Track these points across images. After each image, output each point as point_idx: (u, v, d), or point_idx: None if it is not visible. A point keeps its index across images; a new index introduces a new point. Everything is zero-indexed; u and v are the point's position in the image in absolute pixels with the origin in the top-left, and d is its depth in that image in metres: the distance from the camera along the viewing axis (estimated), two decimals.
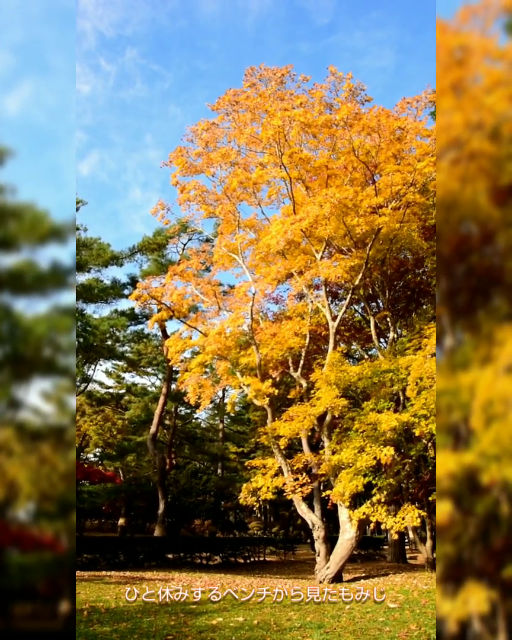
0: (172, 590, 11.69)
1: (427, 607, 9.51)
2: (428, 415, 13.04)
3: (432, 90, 15.21)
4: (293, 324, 16.25)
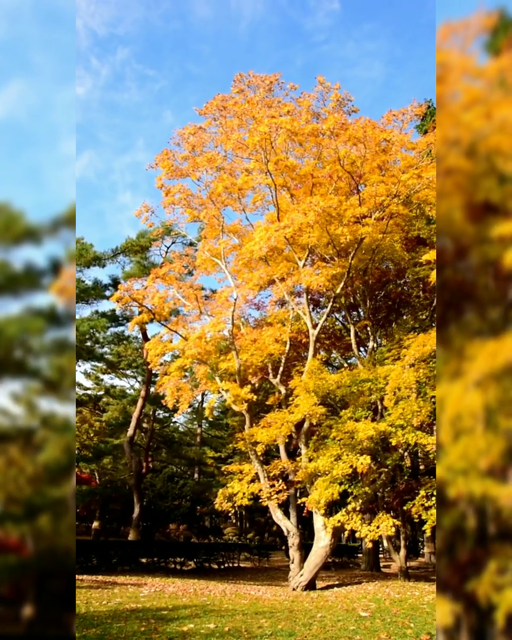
0: (144, 595, 11.65)
1: (398, 616, 9.55)
2: (405, 425, 13.15)
3: (419, 104, 15.40)
4: (274, 330, 16.27)
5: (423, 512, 13.17)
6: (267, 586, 15.67)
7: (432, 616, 9.59)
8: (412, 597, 12.07)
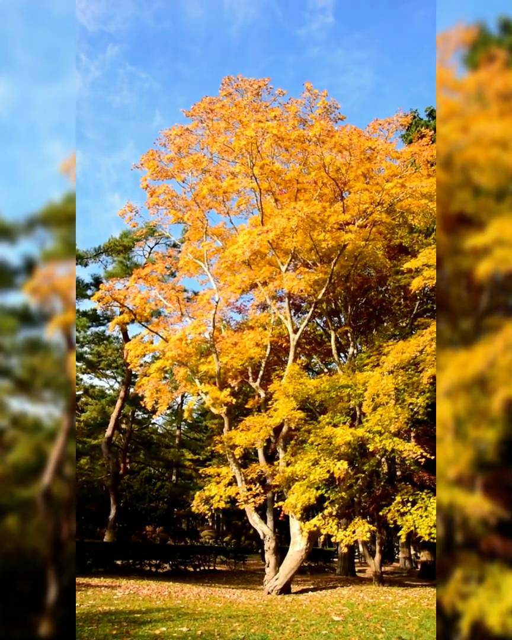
0: (118, 597, 11.57)
1: (370, 620, 9.63)
2: (382, 432, 13.26)
3: (404, 114, 15.59)
4: (255, 334, 16.32)
5: (399, 518, 13.26)
6: (242, 589, 15.69)
7: (404, 620, 9.70)
8: (385, 602, 12.17)
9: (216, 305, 16.19)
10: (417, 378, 13.57)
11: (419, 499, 13.32)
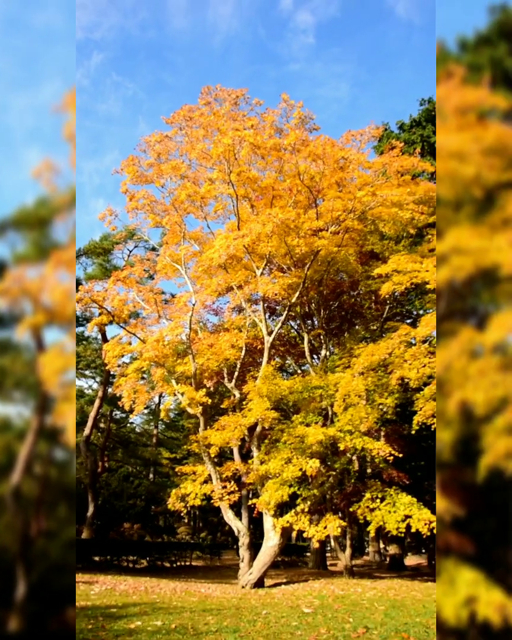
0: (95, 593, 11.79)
1: (339, 611, 10.02)
2: (353, 431, 13.74)
3: (376, 126, 16.08)
4: (230, 336, 16.65)
5: (368, 514, 13.67)
6: (217, 584, 15.87)
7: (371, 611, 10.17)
8: (354, 594, 12.59)
9: (193, 308, 16.48)
10: (387, 379, 14.02)
11: (388, 496, 13.76)
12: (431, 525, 12.66)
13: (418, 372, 12.96)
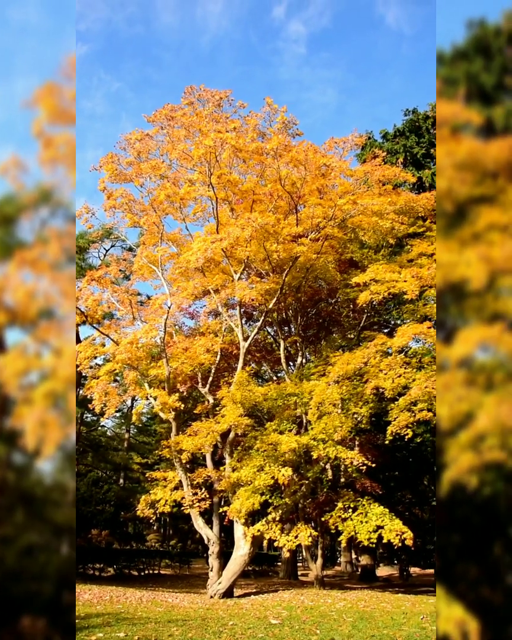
0: None
1: (307, 623, 9.91)
2: (326, 439, 13.63)
3: (359, 135, 16.13)
4: (206, 340, 16.47)
5: (340, 524, 13.58)
6: (186, 594, 15.67)
7: (339, 622, 10.04)
8: (324, 605, 12.48)
9: (168, 311, 16.27)
10: (362, 388, 13.93)
11: (360, 506, 13.69)
12: (403, 536, 12.59)
13: (393, 382, 12.92)
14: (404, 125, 23.44)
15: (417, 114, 23.58)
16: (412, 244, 17.24)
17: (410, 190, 20.41)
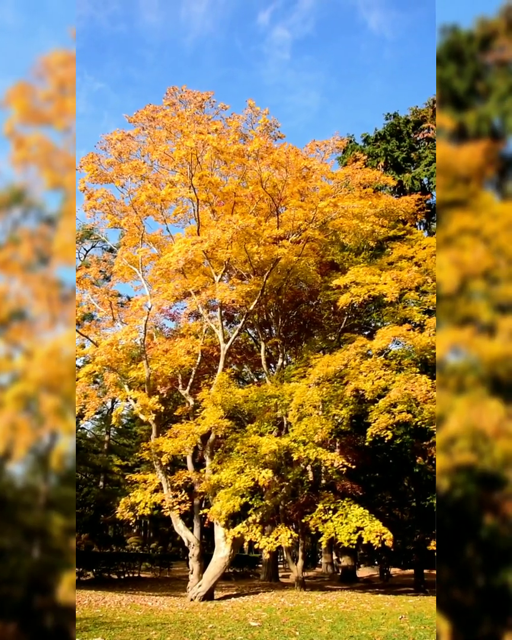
0: None
1: (286, 625, 9.93)
2: (307, 441, 13.67)
3: (340, 138, 16.21)
4: (186, 342, 16.40)
5: (320, 525, 13.63)
6: (166, 597, 15.58)
7: (318, 624, 10.07)
8: (304, 606, 12.51)
9: (149, 312, 16.18)
10: (342, 390, 13.98)
11: (340, 507, 13.76)
12: (382, 537, 12.67)
13: (373, 384, 12.98)
14: (385, 129, 23.61)
15: (398, 118, 23.77)
16: (393, 246, 17.37)
17: (390, 193, 20.56)
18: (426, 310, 15.65)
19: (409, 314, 15.28)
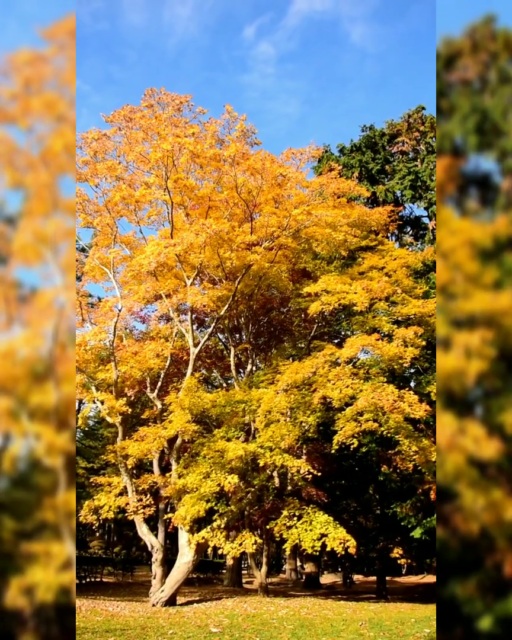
0: None
1: (247, 631, 9.92)
2: (273, 447, 13.71)
3: (316, 147, 16.35)
4: (156, 344, 16.30)
5: (285, 531, 13.67)
6: (128, 602, 15.40)
7: (279, 630, 10.09)
8: (266, 612, 12.52)
9: (119, 313, 16.06)
10: (310, 398, 14.05)
11: (305, 514, 13.82)
12: (346, 544, 12.77)
13: (341, 393, 13.06)
14: (361, 140, 23.88)
15: (374, 130, 24.08)
16: (364, 257, 17.57)
17: (364, 204, 20.78)
18: (394, 321, 15.91)
19: (378, 323, 15.46)
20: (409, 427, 13.76)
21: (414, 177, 19.50)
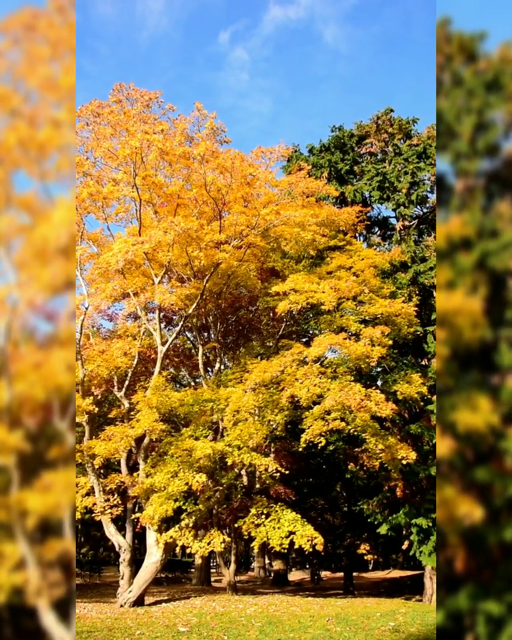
0: None
1: (215, 629, 9.97)
2: (241, 446, 13.74)
3: (286, 147, 16.42)
4: (123, 343, 16.18)
5: (253, 530, 13.73)
6: (95, 603, 15.26)
7: (247, 628, 10.15)
8: (234, 611, 12.57)
9: (85, 312, 15.90)
10: (278, 396, 14.11)
11: (273, 512, 13.90)
12: (314, 541, 12.89)
13: (309, 391, 13.12)
14: (330, 141, 24.02)
15: (343, 131, 24.23)
16: (332, 256, 17.68)
17: (333, 204, 20.91)
18: (362, 320, 16.07)
19: (345, 323, 15.60)
20: (376, 425, 13.95)
21: (382, 178, 19.70)
